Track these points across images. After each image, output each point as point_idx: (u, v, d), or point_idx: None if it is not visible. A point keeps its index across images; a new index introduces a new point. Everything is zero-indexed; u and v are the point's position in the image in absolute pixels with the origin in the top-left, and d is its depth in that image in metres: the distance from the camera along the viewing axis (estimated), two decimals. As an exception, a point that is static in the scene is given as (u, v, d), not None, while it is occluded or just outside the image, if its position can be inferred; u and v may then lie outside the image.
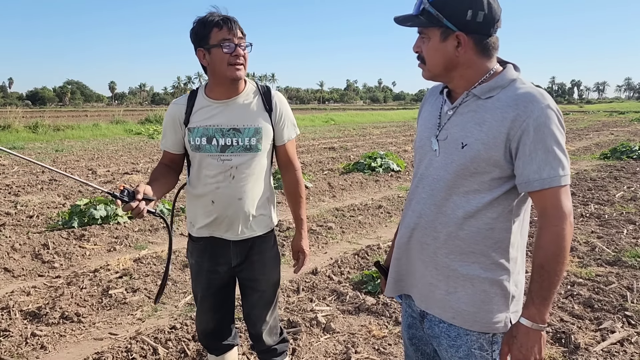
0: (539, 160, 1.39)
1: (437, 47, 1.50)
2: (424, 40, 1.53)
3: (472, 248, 1.51)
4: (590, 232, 6.05)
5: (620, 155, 12.82)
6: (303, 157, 13.51)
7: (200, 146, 2.22)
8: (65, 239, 5.70)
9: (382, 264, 1.96)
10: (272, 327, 2.49)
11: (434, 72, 1.55)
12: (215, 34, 2.10)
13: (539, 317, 1.42)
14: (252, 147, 2.21)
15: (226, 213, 2.24)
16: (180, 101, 2.31)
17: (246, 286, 2.42)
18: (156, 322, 3.77)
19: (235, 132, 2.20)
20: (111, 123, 24.42)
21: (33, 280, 4.58)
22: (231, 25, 2.10)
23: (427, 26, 1.50)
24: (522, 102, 1.41)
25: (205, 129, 2.21)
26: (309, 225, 6.36)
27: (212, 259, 2.35)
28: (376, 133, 23.77)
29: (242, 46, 2.14)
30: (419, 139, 1.69)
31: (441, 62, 1.51)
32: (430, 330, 1.63)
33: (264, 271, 2.37)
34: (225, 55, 2.10)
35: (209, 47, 2.11)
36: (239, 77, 2.15)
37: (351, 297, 4.11)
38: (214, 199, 2.24)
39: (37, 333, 3.52)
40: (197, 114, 2.24)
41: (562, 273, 1.42)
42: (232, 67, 2.11)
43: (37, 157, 13.26)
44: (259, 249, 2.35)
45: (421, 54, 1.56)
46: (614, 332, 3.48)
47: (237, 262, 2.34)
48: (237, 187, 2.22)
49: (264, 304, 2.42)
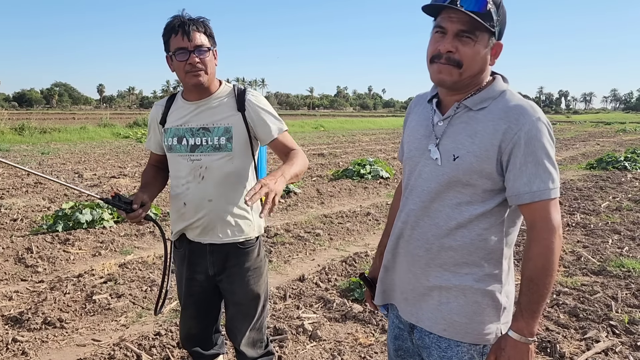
0: (529, 173, 1.39)
1: (482, 52, 1.44)
2: (465, 42, 1.42)
3: (465, 259, 1.50)
4: (576, 241, 6.09)
5: (606, 165, 12.95)
6: (292, 163, 13.47)
7: (172, 146, 2.23)
8: (50, 243, 5.63)
9: (367, 276, 1.95)
10: (255, 339, 2.44)
11: (465, 75, 1.45)
12: (173, 41, 2.09)
13: (528, 330, 1.42)
14: (222, 147, 2.18)
15: (197, 215, 2.21)
16: (160, 102, 2.35)
17: (226, 298, 2.39)
18: (140, 328, 3.72)
19: (205, 131, 2.19)
20: (99, 126, 24.23)
21: (15, 285, 4.51)
22: (187, 29, 2.05)
23: (481, 28, 1.41)
24: (514, 115, 1.41)
25: (176, 129, 2.22)
26: (296, 232, 6.34)
27: (189, 267, 2.33)
28: (365, 140, 23.84)
29: (202, 50, 2.08)
30: (407, 149, 1.65)
31: (478, 68, 1.47)
32: (420, 341, 1.61)
33: (242, 283, 2.31)
34: (181, 64, 2.09)
35: (170, 54, 2.12)
36: (199, 82, 2.12)
37: (338, 304, 4.09)
38: (185, 200, 2.23)
39: (19, 339, 3.46)
40: (172, 115, 2.27)
41: (550, 286, 1.41)
42: (190, 74, 2.10)
43: (23, 160, 13.11)
44: (238, 261, 2.29)
45: (454, 56, 1.43)
46: (598, 341, 3.50)
47: (215, 271, 2.30)
48: (207, 187, 2.18)
49: (243, 317, 2.37)
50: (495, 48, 1.47)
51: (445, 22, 1.43)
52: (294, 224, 6.79)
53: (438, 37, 1.46)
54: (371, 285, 1.90)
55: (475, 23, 1.40)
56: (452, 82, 1.47)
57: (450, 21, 1.42)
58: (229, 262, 2.28)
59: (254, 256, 2.33)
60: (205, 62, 2.11)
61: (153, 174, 2.39)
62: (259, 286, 2.36)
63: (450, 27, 1.42)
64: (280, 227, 6.59)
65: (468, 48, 1.42)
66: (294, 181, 2.03)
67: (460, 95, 1.51)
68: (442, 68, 1.45)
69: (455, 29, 1.42)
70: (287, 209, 7.84)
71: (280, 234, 6.22)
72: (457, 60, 1.43)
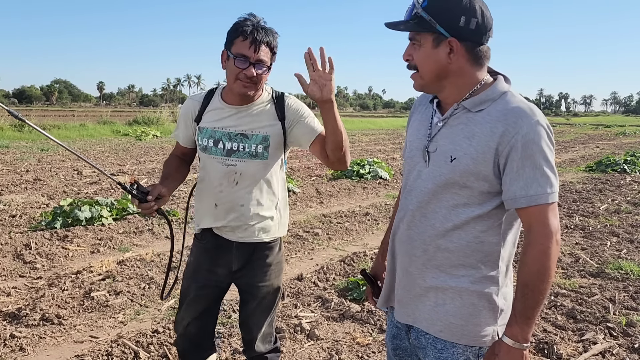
0: (526, 177, 1.38)
1: (429, 53, 1.47)
2: (415, 47, 1.50)
3: (461, 261, 1.50)
4: (575, 243, 6.10)
5: (605, 168, 12.97)
6: (291, 163, 13.49)
7: (207, 147, 2.21)
8: (48, 239, 5.62)
9: (369, 272, 1.94)
10: (267, 334, 2.44)
11: (426, 79, 1.51)
12: (238, 44, 2.05)
13: (522, 336, 1.40)
14: (259, 154, 2.17)
15: (228, 217, 2.21)
16: (196, 97, 2.30)
17: (246, 292, 2.37)
18: (138, 325, 3.72)
19: (243, 137, 2.16)
20: (98, 123, 24.17)
21: (14, 281, 4.51)
22: (258, 41, 2.03)
23: (419, 31, 1.47)
24: (512, 117, 1.40)
25: (213, 131, 2.19)
26: (295, 231, 6.35)
27: (212, 259, 2.30)
28: (365, 140, 23.82)
29: (262, 67, 2.08)
30: (408, 149, 1.66)
31: (433, 69, 1.48)
32: (416, 341, 1.61)
33: (265, 277, 2.31)
34: (237, 70, 2.06)
35: (229, 53, 2.09)
36: (244, 93, 2.10)
37: (336, 303, 4.10)
38: (217, 202, 2.22)
39: (16, 334, 3.46)
40: (209, 114, 2.23)
41: (546, 292, 1.39)
42: (240, 82, 2.08)
43: (22, 157, 13.10)
44: (262, 254, 2.30)
45: (412, 62, 1.52)
46: (596, 343, 3.50)
47: (238, 266, 2.29)
48: (240, 193, 2.18)
49: (262, 310, 2.37)
50: (451, 44, 1.45)
51: None
52: (292, 223, 6.79)
53: None
54: (372, 282, 1.90)
55: (413, 27, 1.48)
56: (419, 87, 1.55)
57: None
58: (253, 256, 2.29)
59: (276, 251, 2.35)
60: (260, 78, 2.10)
61: (176, 166, 2.35)
62: (279, 280, 2.40)
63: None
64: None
65: (416, 52, 1.51)
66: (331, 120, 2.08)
67: (459, 96, 1.50)
68: (412, 76, 1.56)
69: (409, 39, 1.53)
70: (286, 208, 7.83)
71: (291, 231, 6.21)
72: (413, 65, 1.53)
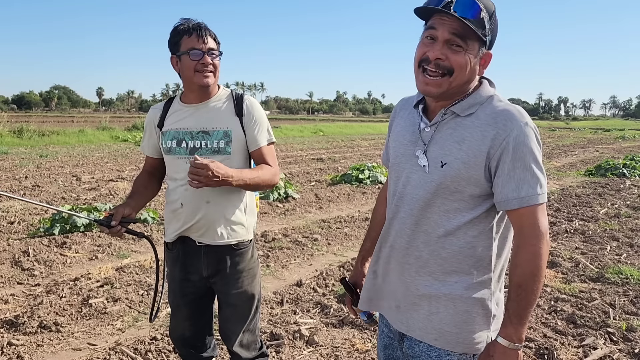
0: (517, 178, 1.39)
1: (471, 61, 1.42)
2: (454, 50, 1.40)
3: (454, 267, 1.49)
4: (575, 248, 6.08)
5: (605, 172, 12.97)
6: (290, 168, 13.49)
7: (170, 149, 2.27)
8: (47, 246, 5.61)
9: (348, 280, 1.93)
10: (250, 341, 2.44)
11: (454, 85, 1.43)
12: (185, 42, 2.16)
13: (516, 336, 1.41)
14: (221, 150, 2.22)
15: (195, 217, 2.23)
16: (158, 106, 2.40)
17: (220, 299, 2.41)
18: (136, 332, 3.70)
19: (204, 134, 2.23)
20: (97, 129, 24.20)
21: (12, 288, 4.49)
22: (200, 32, 2.15)
23: (472, 37, 1.39)
24: (502, 121, 1.40)
25: (175, 132, 2.26)
26: (294, 237, 6.33)
27: (183, 267, 2.34)
28: (364, 145, 23.84)
29: (214, 54, 2.19)
30: (393, 155, 1.64)
31: (467, 77, 1.44)
32: (410, 350, 1.60)
33: (237, 284, 2.32)
34: (193, 63, 2.16)
35: (179, 54, 2.19)
36: (207, 84, 2.19)
37: (335, 310, 4.08)
38: (183, 201, 2.25)
39: (14, 342, 3.44)
40: (170, 117, 2.31)
41: (538, 292, 1.41)
42: (200, 74, 2.17)
43: (21, 163, 13.09)
44: (233, 261, 2.30)
45: (444, 63, 1.40)
46: (596, 348, 3.49)
47: (209, 273, 2.31)
48: (206, 189, 2.18)
49: (237, 318, 2.38)
50: (485, 58, 1.46)
51: (436, 26, 1.40)
52: (292, 229, 6.78)
53: (427, 42, 1.43)
54: (352, 290, 1.89)
55: (467, 30, 1.37)
56: (439, 93, 1.45)
57: (442, 26, 1.39)
58: (223, 263, 2.29)
59: (247, 257, 2.35)
60: (215, 65, 2.21)
61: (144, 183, 2.43)
62: (253, 287, 2.38)
63: (441, 33, 1.39)
64: (278, 231, 6.58)
65: (459, 57, 1.40)
66: (241, 185, 2.12)
67: (447, 102, 1.49)
68: (429, 80, 1.43)
69: (446, 35, 1.39)
70: (285, 214, 7.84)
71: (278, 239, 6.21)
72: (446, 66, 1.40)
